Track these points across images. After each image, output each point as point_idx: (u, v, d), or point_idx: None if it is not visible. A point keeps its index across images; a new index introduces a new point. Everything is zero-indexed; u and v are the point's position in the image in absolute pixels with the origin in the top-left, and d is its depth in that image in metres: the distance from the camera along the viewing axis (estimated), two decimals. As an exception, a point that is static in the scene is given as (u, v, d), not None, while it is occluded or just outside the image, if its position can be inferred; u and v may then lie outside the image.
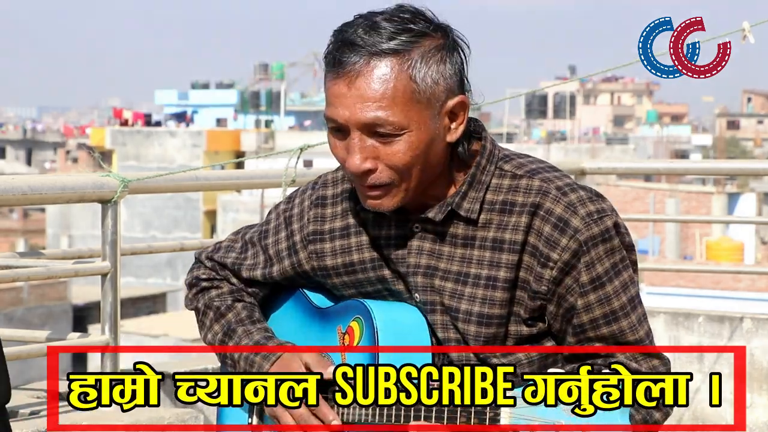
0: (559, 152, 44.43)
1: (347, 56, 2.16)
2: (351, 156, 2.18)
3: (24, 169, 68.93)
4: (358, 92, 2.15)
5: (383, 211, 2.24)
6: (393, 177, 2.19)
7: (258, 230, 2.51)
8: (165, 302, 37.50)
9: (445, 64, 2.19)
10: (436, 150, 2.21)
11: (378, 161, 2.18)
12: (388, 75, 2.15)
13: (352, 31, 2.18)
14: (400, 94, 2.15)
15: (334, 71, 2.18)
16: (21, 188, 3.71)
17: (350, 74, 2.16)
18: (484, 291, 2.23)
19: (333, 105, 2.19)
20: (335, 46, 2.19)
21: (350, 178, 2.25)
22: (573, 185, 2.25)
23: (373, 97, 2.15)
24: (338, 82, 2.18)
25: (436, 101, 2.18)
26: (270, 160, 29.18)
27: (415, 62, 2.16)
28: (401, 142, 2.16)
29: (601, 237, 2.21)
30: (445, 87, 2.19)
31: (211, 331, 2.46)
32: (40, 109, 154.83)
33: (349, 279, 2.36)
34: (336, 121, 2.19)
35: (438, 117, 2.19)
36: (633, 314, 2.25)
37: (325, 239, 2.39)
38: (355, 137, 2.18)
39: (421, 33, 2.18)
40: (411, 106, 2.16)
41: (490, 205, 2.25)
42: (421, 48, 2.17)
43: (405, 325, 2.27)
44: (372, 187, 2.20)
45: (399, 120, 2.15)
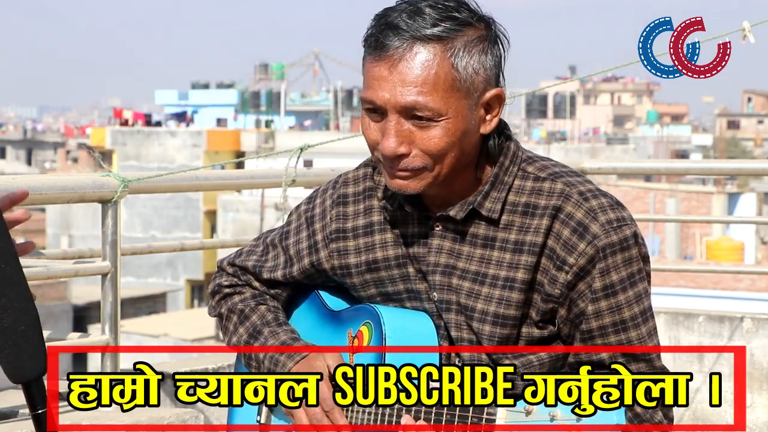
0: (559, 152, 44.40)
1: (390, 39, 2.16)
2: (386, 138, 2.18)
3: (24, 169, 68.92)
4: (400, 76, 2.15)
5: (408, 192, 2.23)
6: (426, 162, 2.19)
7: (279, 232, 2.52)
8: (165, 302, 37.50)
9: (486, 55, 2.20)
10: (470, 140, 2.21)
11: (413, 146, 2.18)
12: (430, 61, 2.15)
13: (396, 15, 2.17)
14: (441, 81, 2.15)
15: (375, 54, 2.18)
16: (21, 188, 3.71)
17: (393, 57, 2.15)
18: (501, 291, 2.23)
19: (372, 87, 2.18)
20: (378, 29, 2.18)
21: (379, 159, 2.24)
22: (595, 191, 2.25)
23: (414, 82, 2.15)
24: (379, 64, 2.17)
25: (474, 91, 2.19)
26: (270, 160, 29.20)
27: (458, 50, 2.16)
28: (438, 128, 2.16)
29: (620, 245, 2.20)
30: (485, 78, 2.20)
31: (236, 334, 2.46)
32: (40, 109, 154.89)
33: (371, 277, 2.36)
34: (374, 102, 2.18)
35: (475, 107, 2.20)
36: (643, 326, 2.23)
37: (348, 237, 2.39)
38: (392, 120, 2.17)
39: (465, 22, 2.18)
40: (451, 93, 2.16)
41: (512, 207, 2.25)
42: (465, 37, 2.17)
43: (414, 332, 2.27)
44: (403, 170, 2.20)
45: (438, 106, 2.15)
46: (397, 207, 2.32)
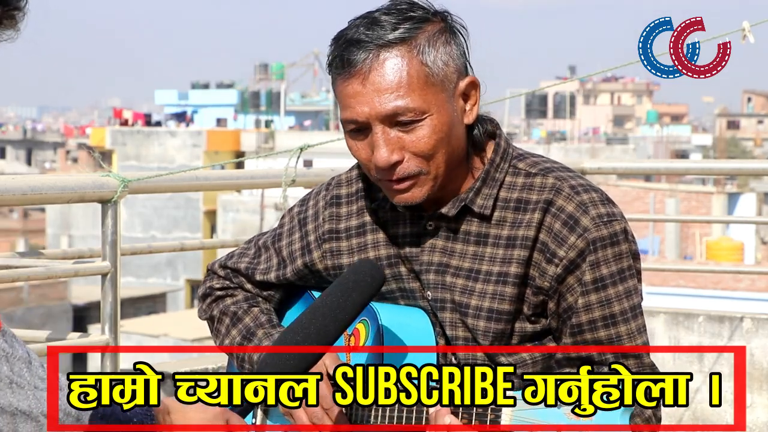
0: (559, 152, 44.38)
1: (355, 54, 2.17)
2: (377, 150, 2.18)
3: (24, 169, 68.91)
4: (373, 86, 2.16)
5: (413, 203, 2.24)
6: (421, 165, 2.19)
7: (271, 234, 2.52)
8: (165, 302, 37.49)
9: (450, 46, 2.21)
10: (457, 133, 2.22)
11: (404, 151, 2.19)
12: (399, 64, 2.16)
13: (354, 30, 2.19)
14: (415, 80, 2.16)
15: (345, 72, 2.18)
16: (21, 188, 3.71)
17: (362, 70, 2.16)
18: (495, 286, 2.24)
19: (350, 106, 2.19)
20: (340, 48, 2.19)
21: (376, 177, 2.24)
22: (586, 186, 2.26)
23: (389, 89, 2.16)
24: (351, 81, 2.18)
25: (449, 83, 2.20)
26: (270, 160, 29.17)
27: (423, 47, 2.17)
28: (424, 127, 2.17)
29: (610, 240, 2.21)
30: (455, 68, 2.21)
31: (228, 336, 2.45)
32: (40, 109, 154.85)
33: None
34: (356, 120, 2.19)
35: (453, 99, 2.21)
36: (633, 322, 2.24)
37: (341, 238, 2.39)
38: (377, 131, 2.18)
39: (422, 19, 2.20)
40: (427, 89, 2.17)
41: (504, 203, 2.26)
42: (425, 33, 2.19)
43: (411, 328, 2.27)
44: (400, 180, 2.20)
45: (418, 105, 2.16)
46: (389, 207, 2.33)
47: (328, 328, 2.13)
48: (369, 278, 2.18)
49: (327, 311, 2.14)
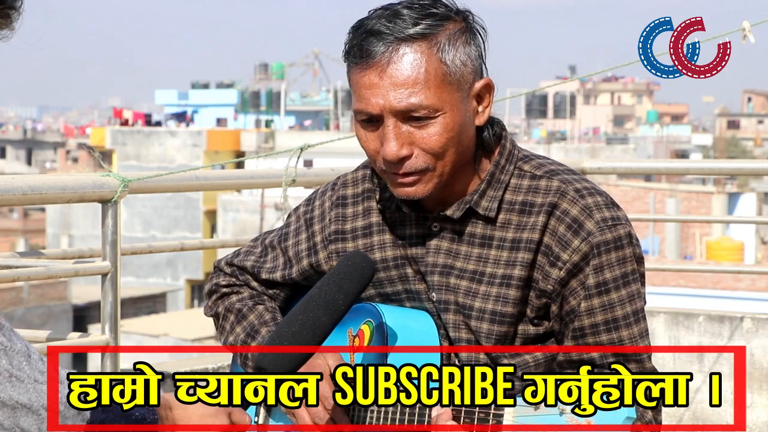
0: (559, 152, 44.39)
1: (375, 45, 2.15)
2: (387, 143, 2.17)
3: (24, 169, 68.90)
4: (391, 80, 2.15)
5: (415, 198, 2.23)
6: (429, 161, 2.19)
7: (278, 234, 2.51)
8: (165, 302, 37.48)
9: (470, 47, 2.21)
10: (467, 134, 2.22)
11: (414, 146, 2.18)
12: (418, 60, 2.15)
13: (374, 21, 2.17)
14: (432, 78, 2.15)
15: (362, 62, 2.17)
16: (21, 188, 3.71)
17: (380, 62, 2.15)
18: (499, 289, 2.23)
19: (365, 97, 2.18)
20: (359, 38, 2.18)
21: (381, 169, 2.23)
22: (591, 189, 2.25)
23: (406, 83, 2.15)
24: (368, 72, 2.17)
25: (465, 83, 2.19)
26: (270, 160, 29.19)
27: (443, 45, 2.17)
28: (436, 124, 2.16)
29: (614, 244, 2.20)
30: (473, 69, 2.21)
31: (232, 333, 2.45)
32: (40, 109, 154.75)
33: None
34: (369, 112, 2.18)
35: (467, 99, 2.20)
36: (635, 326, 2.23)
37: (347, 238, 2.39)
38: (389, 124, 2.17)
39: (445, 17, 2.19)
40: (443, 88, 2.16)
41: (509, 206, 2.25)
42: (447, 31, 2.18)
43: (415, 330, 2.27)
44: (406, 174, 2.20)
45: (433, 103, 2.15)
46: (395, 208, 2.32)
47: (321, 319, 2.13)
48: (359, 269, 2.18)
49: (320, 302, 2.14)
